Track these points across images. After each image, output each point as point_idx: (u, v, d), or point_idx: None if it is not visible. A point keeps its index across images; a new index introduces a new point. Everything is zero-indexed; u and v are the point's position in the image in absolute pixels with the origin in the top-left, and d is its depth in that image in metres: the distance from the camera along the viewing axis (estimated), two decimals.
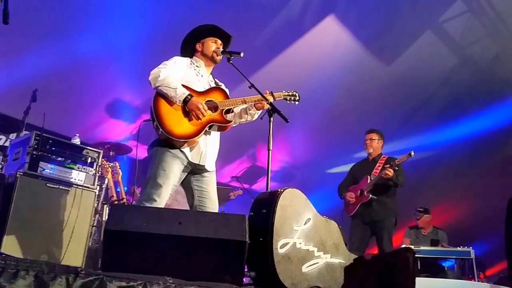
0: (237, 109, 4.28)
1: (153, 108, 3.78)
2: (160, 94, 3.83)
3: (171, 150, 3.82)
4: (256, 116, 4.33)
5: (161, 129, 3.71)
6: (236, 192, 8.30)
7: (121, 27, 6.99)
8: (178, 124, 3.80)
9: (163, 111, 3.79)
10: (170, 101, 3.83)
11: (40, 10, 6.64)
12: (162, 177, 3.78)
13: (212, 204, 4.02)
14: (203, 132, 3.89)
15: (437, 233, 8.23)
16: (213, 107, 3.98)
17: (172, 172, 3.81)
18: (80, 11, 6.84)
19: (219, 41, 4.25)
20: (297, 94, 4.51)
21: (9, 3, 2.84)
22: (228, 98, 4.09)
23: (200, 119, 3.84)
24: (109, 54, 7.09)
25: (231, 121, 4.13)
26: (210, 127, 3.96)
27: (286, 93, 4.47)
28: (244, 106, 4.25)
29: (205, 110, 3.83)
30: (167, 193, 3.82)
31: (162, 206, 3.79)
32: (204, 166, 3.98)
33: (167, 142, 3.81)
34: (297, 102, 4.50)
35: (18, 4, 3.41)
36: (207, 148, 4.00)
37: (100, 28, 6.98)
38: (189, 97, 3.79)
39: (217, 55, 4.19)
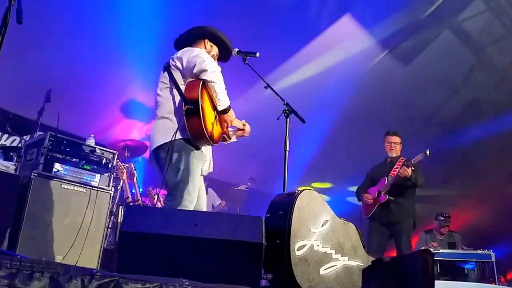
0: None
1: (199, 99, 3.59)
2: (205, 86, 3.71)
3: (196, 151, 3.74)
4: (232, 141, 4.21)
5: (203, 127, 3.56)
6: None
7: (136, 26, 6.99)
8: (211, 124, 3.71)
9: (205, 106, 3.65)
10: (210, 97, 3.73)
11: (55, 11, 6.66)
12: (192, 181, 3.68)
13: (205, 203, 4.05)
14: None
15: (452, 236, 8.19)
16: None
17: (197, 175, 3.76)
18: (95, 11, 6.85)
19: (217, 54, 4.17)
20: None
21: (22, 2, 2.80)
22: None
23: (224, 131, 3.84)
24: (124, 54, 7.08)
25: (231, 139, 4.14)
26: None
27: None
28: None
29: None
30: (196, 199, 3.77)
31: None
32: (207, 170, 3.99)
33: (192, 140, 3.69)
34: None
35: (32, 3, 3.39)
36: (211, 156, 4.02)
37: (114, 28, 6.98)
38: (229, 107, 3.75)
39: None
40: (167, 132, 3.72)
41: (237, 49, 4.21)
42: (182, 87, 3.72)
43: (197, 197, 3.86)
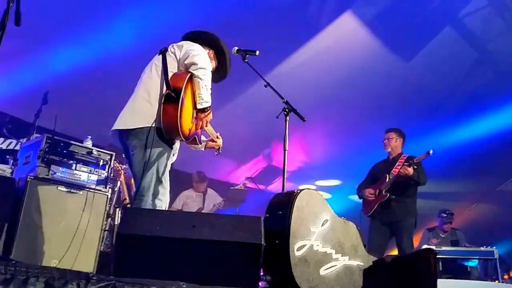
0: None
1: (182, 90, 3.49)
2: (192, 81, 3.63)
3: (168, 142, 3.63)
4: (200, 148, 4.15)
5: (178, 118, 3.44)
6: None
7: (133, 27, 6.95)
8: (187, 119, 3.62)
9: (186, 100, 3.56)
10: (193, 94, 3.65)
11: (52, 12, 6.63)
12: (164, 174, 3.60)
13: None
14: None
15: (455, 233, 8.18)
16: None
17: (167, 169, 3.66)
18: (91, 12, 6.82)
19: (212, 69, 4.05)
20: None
21: (21, 4, 2.78)
22: None
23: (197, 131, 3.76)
24: (122, 54, 7.04)
25: (200, 145, 4.04)
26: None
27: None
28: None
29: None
30: (168, 192, 3.70)
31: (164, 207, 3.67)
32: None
33: (163, 130, 3.57)
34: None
35: (30, 5, 3.36)
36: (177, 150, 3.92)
37: (112, 29, 6.95)
38: (209, 109, 3.68)
39: None
40: (143, 117, 3.60)
41: (236, 48, 4.17)
42: (171, 74, 3.64)
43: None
